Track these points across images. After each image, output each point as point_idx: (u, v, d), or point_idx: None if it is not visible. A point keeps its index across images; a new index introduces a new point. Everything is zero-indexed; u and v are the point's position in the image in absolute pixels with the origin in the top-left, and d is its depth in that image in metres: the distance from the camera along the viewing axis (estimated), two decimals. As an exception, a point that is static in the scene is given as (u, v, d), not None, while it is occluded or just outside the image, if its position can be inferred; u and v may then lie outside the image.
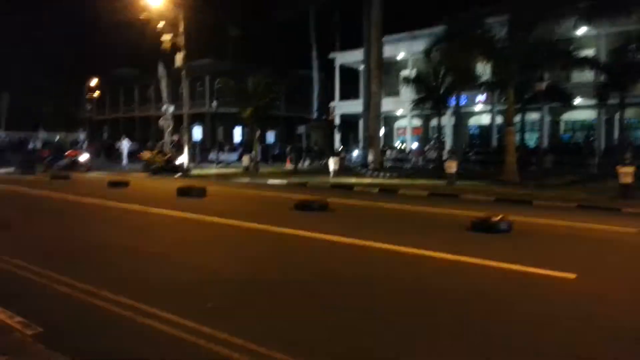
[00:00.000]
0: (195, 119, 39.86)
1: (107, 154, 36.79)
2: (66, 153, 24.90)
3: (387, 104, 28.85)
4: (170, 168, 21.68)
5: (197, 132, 42.27)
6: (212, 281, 5.14)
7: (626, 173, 12.53)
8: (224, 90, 33.06)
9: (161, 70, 25.61)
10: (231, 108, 30.24)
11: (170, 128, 25.27)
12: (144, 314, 3.91)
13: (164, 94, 26.00)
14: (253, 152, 24.52)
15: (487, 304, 4.47)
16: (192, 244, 7.23)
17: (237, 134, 44.66)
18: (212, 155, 31.45)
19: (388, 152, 30.06)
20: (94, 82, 46.72)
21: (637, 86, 21.13)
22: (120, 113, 53.48)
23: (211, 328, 3.62)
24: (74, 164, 23.49)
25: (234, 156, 33.34)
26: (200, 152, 32.34)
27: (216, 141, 36.01)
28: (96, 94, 47.94)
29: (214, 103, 30.91)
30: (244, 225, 8.44)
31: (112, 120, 54.22)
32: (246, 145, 33.32)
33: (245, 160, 23.65)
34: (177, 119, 28.77)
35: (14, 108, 42.82)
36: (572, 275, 5.27)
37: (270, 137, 45.55)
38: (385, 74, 26.00)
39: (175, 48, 25.56)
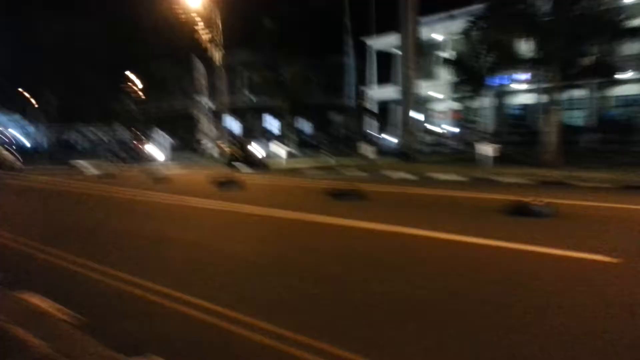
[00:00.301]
0: (233, 111, 40.46)
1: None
2: (138, 147, 25.44)
3: (424, 88, 28.32)
4: (249, 162, 19.98)
5: (234, 124, 42.87)
6: (245, 269, 5.22)
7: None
8: (260, 82, 33.36)
9: (198, 65, 26.11)
10: (267, 99, 30.54)
11: (207, 121, 25.74)
12: (177, 300, 4.02)
13: (201, 87, 26.50)
14: (289, 143, 24.70)
15: (526, 290, 4.31)
16: (228, 233, 7.36)
17: (274, 124, 44.98)
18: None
19: (426, 137, 29.56)
20: (133, 77, 48.08)
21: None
22: (160, 107, 54.85)
23: (242, 314, 3.68)
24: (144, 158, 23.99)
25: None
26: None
27: (252, 133, 36.43)
28: (136, 88, 49.37)
29: (250, 95, 31.23)
30: (279, 214, 8.52)
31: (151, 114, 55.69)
32: (282, 136, 33.57)
33: (281, 151, 23.83)
34: (214, 111, 29.33)
35: (60, 105, 44.66)
36: (616, 260, 5.02)
37: (306, 126, 45.60)
38: (422, 57, 25.47)
39: (212, 44, 26.01)
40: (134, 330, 3.53)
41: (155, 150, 24.24)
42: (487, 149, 16.05)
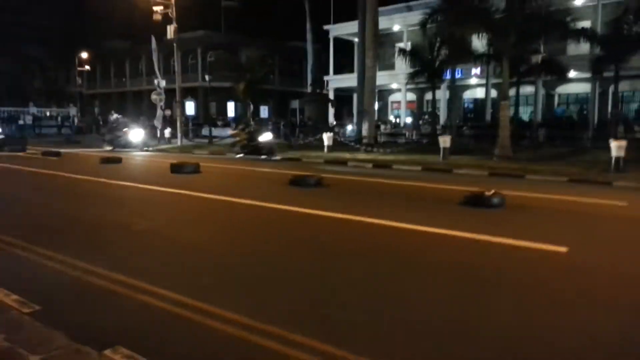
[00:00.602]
0: (188, 93, 39.45)
1: (98, 129, 36.41)
2: (123, 131, 23.73)
3: (381, 78, 28.63)
4: (253, 148, 17.91)
5: (190, 107, 41.78)
6: (206, 257, 5.17)
7: (618, 146, 12.59)
8: (217, 64, 32.59)
9: (153, 43, 25.10)
10: (224, 82, 29.88)
11: (162, 103, 24.87)
12: (140, 290, 3.95)
13: (156, 67, 25.56)
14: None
15: (479, 278, 4.54)
16: (186, 220, 7.24)
17: (231, 109, 44.27)
18: (204, 131, 31.17)
19: (382, 127, 29.98)
20: (84, 55, 45.93)
21: (632, 58, 21.05)
22: (112, 87, 52.79)
23: (205, 303, 3.67)
24: (129, 143, 22.30)
25: (227, 131, 33.11)
26: (193, 128, 32.04)
27: (209, 116, 35.69)
28: (87, 67, 47.24)
29: (207, 77, 30.49)
30: (238, 201, 8.45)
31: (103, 95, 53.55)
32: (239, 121, 33.03)
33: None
34: (170, 93, 28.49)
35: (2, 83, 42.07)
36: (563, 249, 5.34)
37: (264, 111, 45.23)
38: (380, 47, 25.67)
39: (166, 19, 25.08)
40: (97, 322, 3.44)
41: (136, 135, 22.51)
42: (442, 140, 16.50)
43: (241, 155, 18.23)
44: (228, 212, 7.86)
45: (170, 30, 25.46)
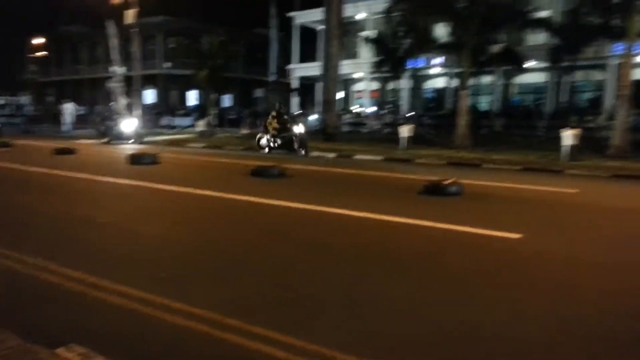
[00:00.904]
0: (147, 81, 38.36)
1: (55, 119, 35.02)
2: (115, 121, 22.09)
3: (345, 67, 28.63)
4: (285, 141, 15.73)
5: (149, 95, 40.70)
6: (165, 251, 5.10)
7: (570, 136, 13.11)
8: (178, 50, 31.86)
9: (111, 28, 24.21)
10: (185, 70, 29.21)
11: (120, 91, 24.09)
12: (95, 287, 3.86)
13: (114, 53, 24.69)
14: (208, 117, 23.95)
15: (434, 263, 4.67)
16: (145, 213, 7.11)
17: (192, 97, 43.37)
18: (165, 120, 30.45)
19: (345, 116, 30.09)
20: (38, 40, 43.96)
21: (587, 49, 21.82)
22: (67, 74, 50.73)
23: (166, 298, 3.62)
24: (121, 134, 20.54)
25: (188, 121, 32.45)
26: (153, 117, 31.20)
27: (169, 105, 34.87)
28: (40, 53, 45.22)
29: (167, 64, 29.75)
30: (198, 193, 8.35)
31: (58, 83, 51.43)
32: (201, 110, 32.44)
33: (201, 125, 23.08)
34: (128, 80, 27.63)
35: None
36: (517, 235, 5.55)
37: (227, 100, 44.55)
38: (344, 35, 25.66)
39: (125, 3, 24.26)
40: (51, 321, 3.35)
41: (128, 125, 20.77)
42: (403, 130, 16.74)
43: (266, 150, 16.09)
44: (188, 204, 7.76)
45: (130, 14, 24.66)
